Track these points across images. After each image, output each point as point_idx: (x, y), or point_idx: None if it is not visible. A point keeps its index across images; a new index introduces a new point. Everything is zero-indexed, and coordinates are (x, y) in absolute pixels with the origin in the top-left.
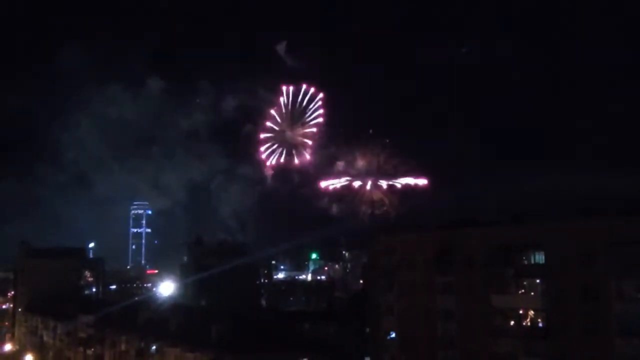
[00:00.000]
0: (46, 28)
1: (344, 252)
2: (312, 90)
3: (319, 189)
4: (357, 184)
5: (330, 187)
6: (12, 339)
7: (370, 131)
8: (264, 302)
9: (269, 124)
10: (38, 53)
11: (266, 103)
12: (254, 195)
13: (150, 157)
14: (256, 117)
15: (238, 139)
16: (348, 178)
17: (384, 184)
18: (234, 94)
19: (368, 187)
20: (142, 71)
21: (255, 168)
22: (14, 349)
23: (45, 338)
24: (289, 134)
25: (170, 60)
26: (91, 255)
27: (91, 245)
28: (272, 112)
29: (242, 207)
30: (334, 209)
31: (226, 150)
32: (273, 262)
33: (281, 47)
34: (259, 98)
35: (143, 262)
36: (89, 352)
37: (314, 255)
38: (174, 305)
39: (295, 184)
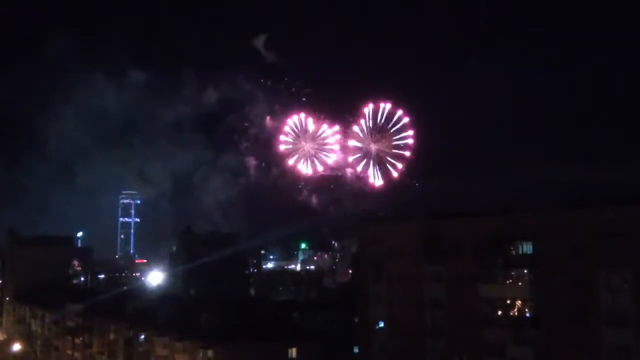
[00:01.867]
0: (31, 18)
1: (333, 241)
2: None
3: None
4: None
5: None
6: (0, 328)
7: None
8: (253, 292)
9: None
10: (23, 43)
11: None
12: (240, 186)
13: (139, 148)
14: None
15: (225, 131)
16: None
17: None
18: (219, 86)
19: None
20: (130, 62)
21: (238, 160)
22: (2, 338)
23: (33, 327)
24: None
25: (161, 51)
26: (79, 245)
27: (79, 234)
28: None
29: (229, 197)
30: (314, 200)
31: (214, 142)
32: (262, 252)
33: (259, 42)
34: (245, 90)
35: (132, 251)
36: (77, 341)
37: (303, 245)
38: (163, 295)
39: (274, 176)
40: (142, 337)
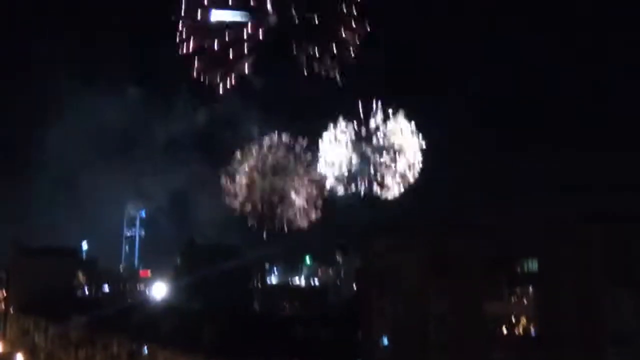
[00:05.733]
0: (28, 30)
1: (337, 256)
2: None
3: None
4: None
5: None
6: (4, 340)
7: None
8: (256, 306)
9: None
10: (21, 58)
11: None
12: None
13: (142, 161)
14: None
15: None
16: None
17: None
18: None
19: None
20: (128, 77)
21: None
22: (5, 350)
23: (36, 339)
24: None
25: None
26: (84, 256)
27: (85, 246)
28: None
29: (231, 212)
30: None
31: (214, 156)
32: (266, 265)
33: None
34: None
35: (136, 263)
36: (81, 353)
37: (307, 260)
38: (166, 308)
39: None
40: (145, 350)
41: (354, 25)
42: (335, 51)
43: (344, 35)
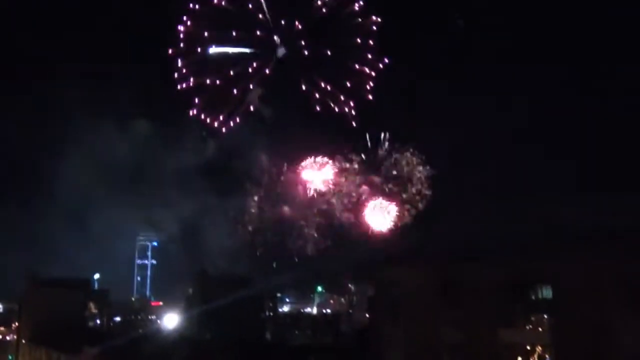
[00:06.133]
0: (39, 64)
1: (349, 284)
2: None
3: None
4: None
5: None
6: None
7: None
8: (269, 335)
9: None
10: (30, 87)
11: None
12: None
13: (154, 190)
14: None
15: (233, 175)
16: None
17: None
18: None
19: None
20: (138, 108)
21: (244, 203)
22: None
23: None
24: None
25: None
26: (96, 287)
27: (97, 277)
28: None
29: (241, 240)
30: (309, 248)
31: (226, 186)
32: (278, 294)
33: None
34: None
35: (148, 293)
36: None
37: (319, 289)
38: (178, 338)
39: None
40: None
41: (369, 58)
42: (348, 85)
43: (357, 68)
